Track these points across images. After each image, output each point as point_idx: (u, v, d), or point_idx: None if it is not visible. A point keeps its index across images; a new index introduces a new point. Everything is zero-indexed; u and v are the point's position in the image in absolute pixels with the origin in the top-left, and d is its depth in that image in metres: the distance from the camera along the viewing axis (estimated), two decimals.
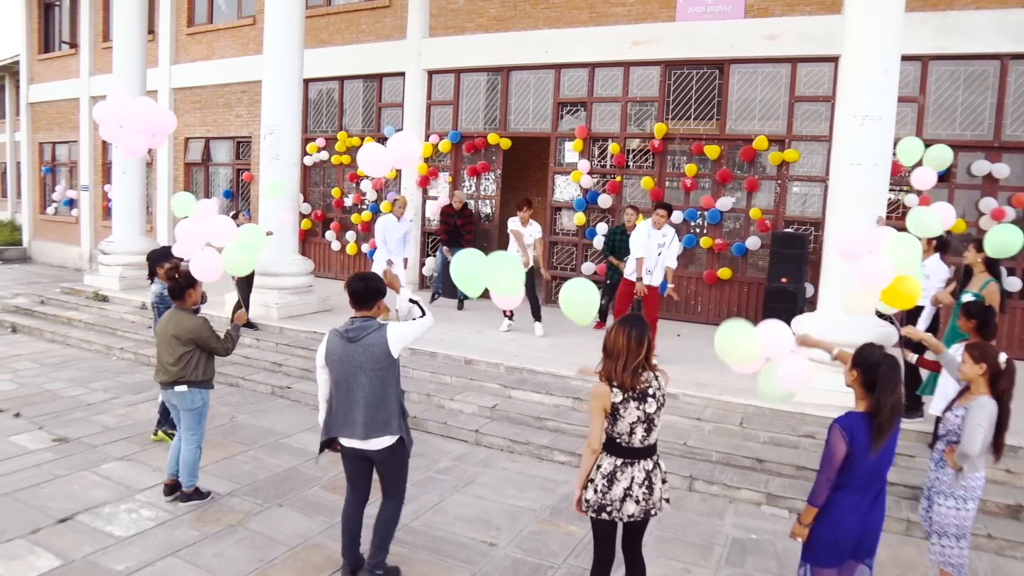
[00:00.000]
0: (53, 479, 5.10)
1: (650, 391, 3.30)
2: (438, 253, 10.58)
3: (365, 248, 12.96)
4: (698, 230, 10.40)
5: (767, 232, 9.85)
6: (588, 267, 10.93)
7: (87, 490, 4.95)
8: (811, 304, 9.70)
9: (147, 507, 4.73)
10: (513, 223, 9.03)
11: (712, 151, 10.06)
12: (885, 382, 3.11)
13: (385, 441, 3.71)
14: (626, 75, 10.66)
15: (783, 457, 5.90)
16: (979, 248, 5.76)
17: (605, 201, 10.75)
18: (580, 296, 3.58)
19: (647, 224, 7.80)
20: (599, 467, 3.38)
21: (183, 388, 4.72)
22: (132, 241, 11.44)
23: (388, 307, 3.99)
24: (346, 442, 3.74)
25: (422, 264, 12.46)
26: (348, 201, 13.29)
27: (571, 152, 11.19)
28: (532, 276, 8.86)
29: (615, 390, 3.27)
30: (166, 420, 5.81)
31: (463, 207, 10.84)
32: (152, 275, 6.07)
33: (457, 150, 12.04)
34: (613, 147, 10.74)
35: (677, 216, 10.36)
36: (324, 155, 13.35)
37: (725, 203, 10.10)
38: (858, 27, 6.52)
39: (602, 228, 10.66)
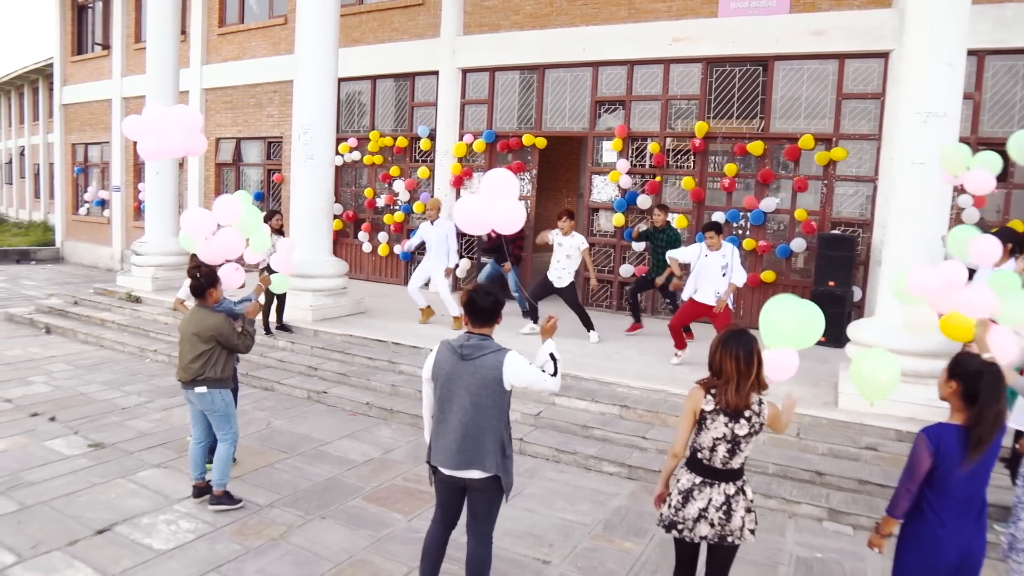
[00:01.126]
0: (90, 487, 4.95)
1: (746, 412, 3.05)
2: (489, 264, 10.14)
3: (397, 250, 12.80)
4: (741, 232, 10.08)
5: (813, 234, 9.52)
6: (627, 269, 10.66)
7: (124, 499, 4.79)
8: (858, 308, 9.37)
9: (186, 518, 4.56)
10: (552, 235, 8.55)
11: (755, 150, 9.74)
12: (989, 392, 2.85)
13: (479, 473, 3.35)
14: (666, 72, 10.38)
15: (844, 470, 5.60)
16: None
17: (644, 202, 10.47)
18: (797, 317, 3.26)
19: (700, 246, 7.60)
20: (677, 480, 3.17)
21: (203, 389, 4.61)
22: (165, 242, 11.38)
23: (554, 326, 3.68)
24: (442, 469, 3.41)
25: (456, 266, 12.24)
26: (380, 202, 13.15)
27: (609, 152, 10.93)
28: (574, 289, 8.55)
29: (708, 396, 3.04)
30: None
31: None
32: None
33: (492, 150, 11.83)
34: (653, 147, 10.46)
35: (719, 217, 10.06)
36: (356, 155, 13.21)
37: (769, 204, 9.78)
38: (921, 19, 6.20)
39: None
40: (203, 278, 4.58)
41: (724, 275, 7.38)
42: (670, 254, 8.00)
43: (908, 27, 6.38)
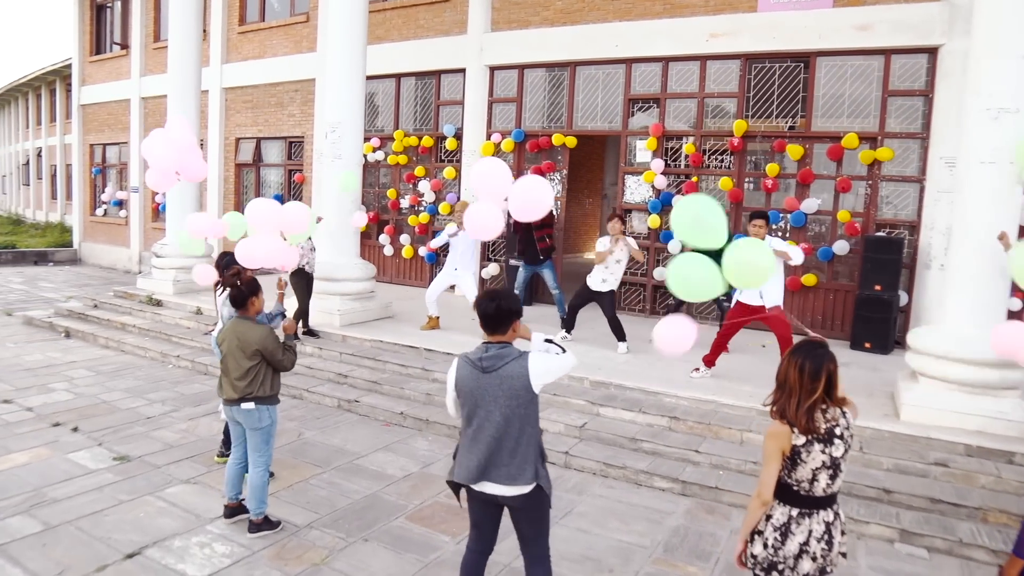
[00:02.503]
0: (116, 505, 4.68)
1: (837, 431, 2.76)
2: (521, 268, 9.74)
3: (422, 252, 12.51)
4: (781, 233, 9.71)
5: (856, 236, 9.15)
6: (660, 272, 10.30)
7: (154, 518, 4.51)
8: (903, 312, 8.99)
9: (220, 540, 4.27)
10: (602, 243, 7.99)
11: (795, 150, 9.38)
12: None
13: (519, 489, 3.12)
14: (703, 69, 10.03)
15: (913, 488, 5.24)
16: None
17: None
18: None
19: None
20: (768, 517, 2.85)
21: (250, 406, 4.27)
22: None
23: (527, 328, 3.36)
24: (475, 486, 3.15)
25: (482, 267, 11.96)
26: (404, 203, 12.86)
27: (642, 151, 10.59)
28: (613, 296, 8.10)
29: (796, 431, 2.72)
30: (229, 443, 5.33)
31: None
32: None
33: (520, 149, 11.52)
34: (688, 147, 10.11)
35: None
36: (380, 155, 12.93)
37: (810, 205, 9.40)
38: (991, 9, 5.84)
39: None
40: (244, 286, 4.27)
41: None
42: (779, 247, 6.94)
43: (975, 19, 6.02)
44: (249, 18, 14.76)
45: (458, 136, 12.02)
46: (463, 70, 11.83)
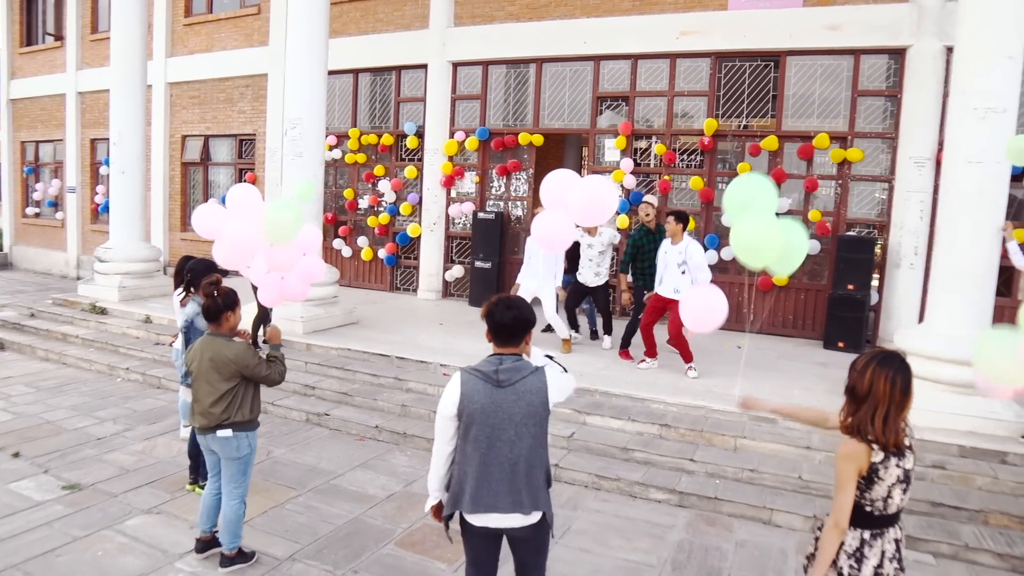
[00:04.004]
0: (70, 542, 4.18)
1: (906, 442, 2.58)
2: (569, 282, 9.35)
3: (382, 254, 12.07)
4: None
5: (827, 235, 9.14)
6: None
7: (114, 557, 4.03)
8: (874, 311, 9.02)
9: None
10: (579, 236, 7.99)
11: (767, 148, 9.31)
12: None
13: (531, 517, 2.82)
14: (672, 67, 9.89)
15: (913, 491, 5.08)
16: None
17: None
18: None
19: (666, 242, 7.16)
20: (840, 544, 2.63)
21: (227, 433, 3.82)
22: (132, 247, 10.45)
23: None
24: (477, 519, 2.81)
25: (446, 269, 11.60)
26: (363, 203, 12.40)
27: (611, 150, 10.40)
28: (608, 289, 8.24)
29: (875, 447, 2.50)
30: (200, 468, 4.86)
31: None
32: (188, 290, 5.15)
33: (485, 148, 11.20)
34: (658, 147, 9.96)
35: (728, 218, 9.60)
36: (336, 153, 12.42)
37: (782, 204, 9.35)
38: (979, 9, 5.80)
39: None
40: (221, 298, 3.83)
41: (683, 272, 6.93)
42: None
43: (960, 19, 5.99)
44: (195, 9, 14.03)
45: (420, 134, 11.63)
46: (425, 66, 11.45)
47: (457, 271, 11.47)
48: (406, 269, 12.15)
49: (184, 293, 5.23)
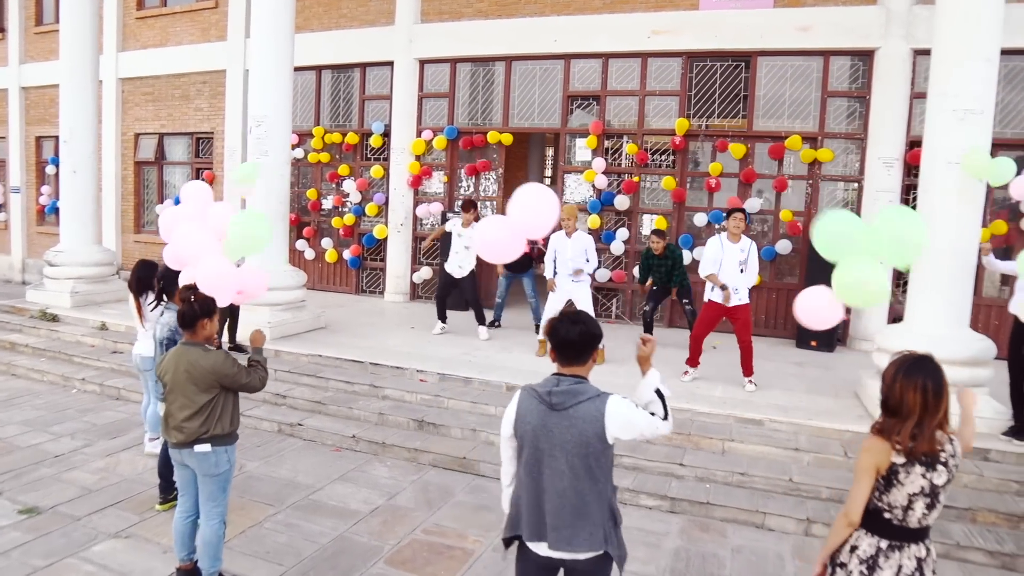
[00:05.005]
0: (32, 573, 3.85)
1: (941, 456, 2.46)
2: (502, 277, 9.25)
3: (347, 256, 11.76)
4: (724, 233, 9.63)
5: (798, 235, 9.19)
6: (603, 273, 10.02)
7: None
8: (846, 311, 9.08)
9: None
10: (452, 224, 8.74)
11: (737, 149, 9.34)
12: None
13: (582, 554, 2.58)
14: (644, 67, 9.84)
15: None
16: None
17: (622, 202, 9.90)
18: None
19: (720, 238, 6.93)
20: (854, 548, 2.55)
21: (205, 448, 3.56)
22: (85, 250, 9.93)
23: (650, 363, 2.85)
24: (532, 545, 2.62)
25: (414, 271, 11.36)
26: (327, 204, 12.06)
27: (583, 149, 10.30)
28: (474, 278, 8.71)
29: (897, 447, 2.41)
30: (170, 484, 4.56)
31: None
32: (160, 298, 4.84)
33: (453, 147, 10.98)
34: (629, 147, 9.90)
35: (701, 218, 9.61)
36: (299, 153, 12.04)
37: (753, 204, 9.38)
38: (958, 11, 5.84)
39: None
40: (198, 304, 3.56)
41: (741, 271, 6.82)
42: (705, 274, 6.93)
43: (938, 21, 6.02)
44: (149, 2, 13.45)
45: (386, 133, 11.36)
46: (391, 63, 11.18)
47: (425, 273, 11.23)
48: (372, 271, 11.86)
49: (156, 302, 4.93)
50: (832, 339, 8.83)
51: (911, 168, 8.77)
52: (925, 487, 2.44)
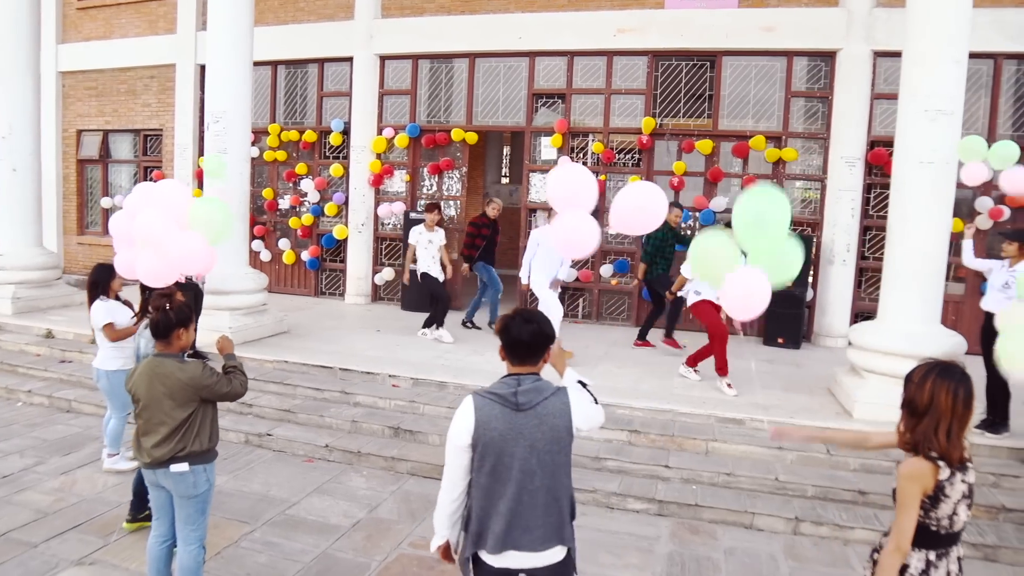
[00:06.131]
0: None
1: (966, 454, 2.45)
2: (482, 269, 9.22)
3: (305, 257, 11.41)
4: (690, 232, 9.66)
5: None
6: (570, 272, 9.93)
7: None
8: (810, 308, 9.22)
9: None
10: (415, 234, 8.52)
11: (704, 148, 9.37)
12: None
13: (555, 555, 2.51)
14: (609, 65, 9.79)
15: (885, 487, 5.15)
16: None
17: None
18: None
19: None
20: (904, 568, 2.47)
21: (183, 467, 3.28)
22: (27, 253, 9.33)
23: (564, 358, 2.78)
24: (497, 559, 2.48)
25: (375, 272, 11.08)
26: (284, 203, 11.68)
27: (548, 148, 10.20)
28: (438, 282, 8.52)
29: (941, 464, 2.34)
30: (143, 503, 4.25)
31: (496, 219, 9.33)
32: (146, 311, 4.51)
33: (415, 145, 10.75)
34: (595, 146, 9.84)
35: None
36: (254, 151, 11.59)
37: (719, 203, 9.43)
38: (928, 15, 5.92)
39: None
40: (173, 312, 3.30)
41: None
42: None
43: (909, 23, 6.10)
44: None
45: (346, 131, 11.05)
46: (350, 59, 10.88)
47: (388, 274, 10.97)
48: (332, 272, 11.54)
49: (142, 314, 4.64)
50: (799, 336, 8.93)
51: (871, 167, 8.94)
52: (965, 491, 2.42)
